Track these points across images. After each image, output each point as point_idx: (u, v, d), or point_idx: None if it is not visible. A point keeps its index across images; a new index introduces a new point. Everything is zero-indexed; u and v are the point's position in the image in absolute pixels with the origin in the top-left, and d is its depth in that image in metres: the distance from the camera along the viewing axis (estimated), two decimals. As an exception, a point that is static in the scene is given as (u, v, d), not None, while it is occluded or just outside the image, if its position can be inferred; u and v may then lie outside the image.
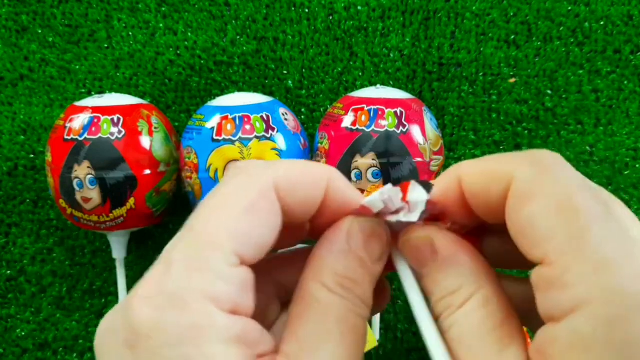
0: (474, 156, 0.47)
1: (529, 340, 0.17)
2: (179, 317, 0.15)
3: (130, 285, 0.46)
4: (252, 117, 0.39)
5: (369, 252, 0.18)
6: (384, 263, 0.19)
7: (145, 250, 0.49)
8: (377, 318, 0.44)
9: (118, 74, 0.49)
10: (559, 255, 0.14)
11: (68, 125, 0.40)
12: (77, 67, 0.49)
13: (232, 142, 0.38)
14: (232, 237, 0.16)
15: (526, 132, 0.47)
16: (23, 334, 0.48)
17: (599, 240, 0.14)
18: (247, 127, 0.39)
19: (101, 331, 0.17)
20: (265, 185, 0.17)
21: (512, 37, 0.48)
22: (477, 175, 0.18)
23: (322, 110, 0.48)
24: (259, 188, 0.17)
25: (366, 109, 0.39)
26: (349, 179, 0.39)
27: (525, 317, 0.18)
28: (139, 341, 0.15)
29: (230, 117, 0.39)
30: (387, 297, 0.22)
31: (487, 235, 0.21)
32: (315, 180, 0.18)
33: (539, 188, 0.15)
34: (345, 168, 0.39)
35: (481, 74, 0.48)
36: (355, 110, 0.40)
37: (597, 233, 0.14)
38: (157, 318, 0.15)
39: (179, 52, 0.49)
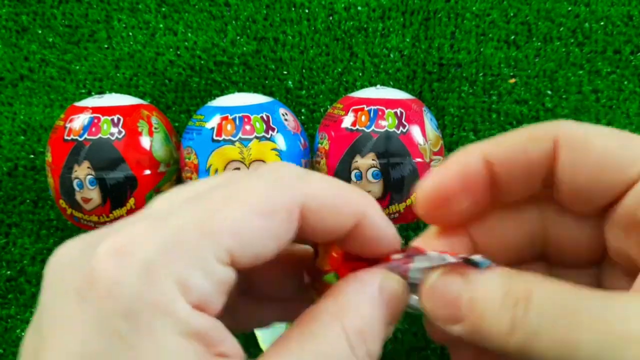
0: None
1: None
2: (142, 291, 0.13)
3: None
4: (252, 117, 0.39)
5: (389, 312, 0.17)
6: (394, 328, 0.18)
7: (145, 250, 0.48)
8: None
9: (118, 74, 0.49)
10: None
11: (68, 125, 0.40)
12: (77, 67, 0.49)
13: (232, 142, 0.38)
14: (234, 234, 0.14)
15: (526, 132, 0.47)
16: (23, 334, 0.48)
17: None
18: (247, 127, 0.39)
19: (56, 262, 0.15)
20: (293, 197, 0.15)
21: (512, 37, 0.48)
22: (511, 149, 0.17)
23: (322, 110, 0.48)
24: (286, 198, 0.15)
25: (366, 109, 0.39)
26: (349, 179, 0.39)
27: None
28: (90, 296, 0.13)
29: (230, 117, 0.39)
30: None
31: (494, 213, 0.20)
32: (350, 209, 0.17)
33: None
34: (345, 168, 0.39)
35: (481, 74, 0.48)
36: (355, 111, 0.40)
37: None
38: (120, 281, 0.13)
39: (179, 52, 0.49)
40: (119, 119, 0.40)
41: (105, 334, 0.13)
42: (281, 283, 0.21)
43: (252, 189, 0.15)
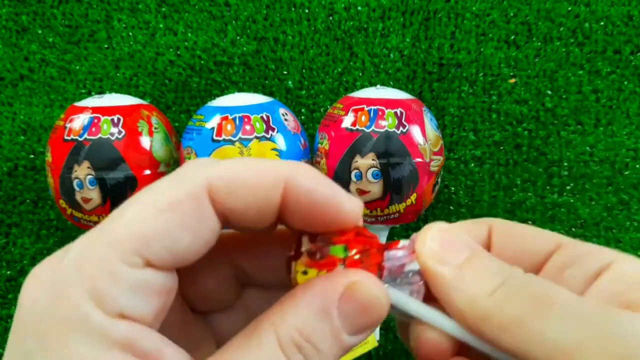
0: (473, 156, 0.47)
1: None
2: (52, 309, 0.14)
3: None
4: (252, 117, 0.39)
5: (351, 324, 0.16)
6: (362, 339, 0.16)
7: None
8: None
9: (118, 74, 0.49)
10: None
11: (68, 125, 0.40)
12: (77, 67, 0.49)
13: (232, 142, 0.38)
14: (137, 236, 0.14)
15: (526, 132, 0.47)
16: (23, 334, 0.48)
17: None
18: (247, 127, 0.39)
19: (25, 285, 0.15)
20: (194, 184, 0.15)
21: (512, 37, 0.48)
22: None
23: (322, 110, 0.48)
24: (187, 187, 0.15)
25: (366, 109, 0.39)
26: (349, 179, 0.39)
27: None
28: (18, 317, 0.14)
29: (230, 117, 0.39)
30: None
31: None
32: (265, 180, 0.15)
33: None
34: (345, 168, 0.39)
35: (481, 74, 0.48)
36: (355, 111, 0.40)
37: None
38: (31, 304, 0.14)
39: (179, 52, 0.49)
40: (119, 119, 0.40)
41: (18, 355, 0.14)
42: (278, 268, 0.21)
43: (153, 188, 0.15)
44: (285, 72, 0.49)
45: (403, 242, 0.18)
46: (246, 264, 0.19)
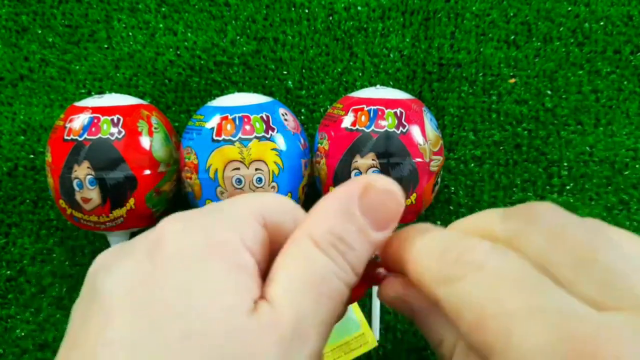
0: (473, 156, 0.47)
1: None
2: (206, 236, 0.17)
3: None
4: (251, 117, 0.39)
5: (374, 219, 0.18)
6: (388, 233, 0.18)
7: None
8: (377, 318, 0.44)
9: (118, 74, 0.49)
10: None
11: (68, 125, 0.40)
12: (77, 67, 0.49)
13: (232, 142, 0.38)
14: (261, 206, 0.18)
15: (526, 132, 0.47)
16: (23, 334, 0.48)
17: None
18: (247, 127, 0.39)
19: (112, 252, 0.18)
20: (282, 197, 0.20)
21: (512, 37, 0.48)
22: None
23: (322, 110, 0.48)
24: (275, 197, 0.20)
25: (366, 109, 0.39)
26: (349, 179, 0.39)
27: None
28: (161, 248, 0.16)
29: (230, 117, 0.39)
30: (377, 278, 0.22)
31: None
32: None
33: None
34: (345, 168, 0.39)
35: (481, 74, 0.48)
36: (355, 111, 0.40)
37: None
38: (185, 230, 0.17)
39: (179, 52, 0.49)
40: (118, 119, 0.40)
41: (172, 287, 0.16)
42: None
43: (256, 195, 0.20)
44: (285, 72, 0.49)
45: None
46: None
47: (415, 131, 0.39)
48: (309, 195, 0.44)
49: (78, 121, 0.40)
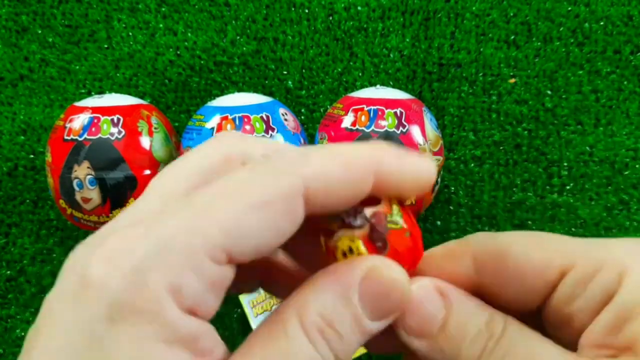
0: (473, 156, 0.47)
1: None
2: (130, 297, 0.13)
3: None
4: (252, 117, 0.39)
5: (373, 308, 0.16)
6: (386, 324, 0.16)
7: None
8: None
9: (118, 74, 0.49)
10: None
11: (68, 125, 0.40)
12: (77, 67, 0.49)
13: (232, 142, 0.38)
14: (227, 232, 0.14)
15: (526, 132, 0.47)
16: (23, 334, 0.48)
17: None
18: (247, 127, 0.39)
19: (66, 263, 0.15)
20: (290, 184, 0.14)
21: (512, 37, 0.48)
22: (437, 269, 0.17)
23: (322, 110, 0.48)
24: (282, 187, 0.14)
25: (366, 109, 0.39)
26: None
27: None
28: (81, 298, 0.13)
29: (230, 117, 0.39)
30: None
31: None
32: (358, 176, 0.15)
33: None
34: (345, 168, 0.39)
35: (481, 74, 0.48)
36: (355, 111, 0.40)
37: None
38: (108, 286, 0.13)
39: (179, 52, 0.49)
40: (118, 119, 0.40)
41: (85, 335, 0.13)
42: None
43: (244, 181, 0.15)
44: (285, 72, 0.49)
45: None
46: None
47: (415, 131, 0.39)
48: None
49: (78, 121, 0.40)
